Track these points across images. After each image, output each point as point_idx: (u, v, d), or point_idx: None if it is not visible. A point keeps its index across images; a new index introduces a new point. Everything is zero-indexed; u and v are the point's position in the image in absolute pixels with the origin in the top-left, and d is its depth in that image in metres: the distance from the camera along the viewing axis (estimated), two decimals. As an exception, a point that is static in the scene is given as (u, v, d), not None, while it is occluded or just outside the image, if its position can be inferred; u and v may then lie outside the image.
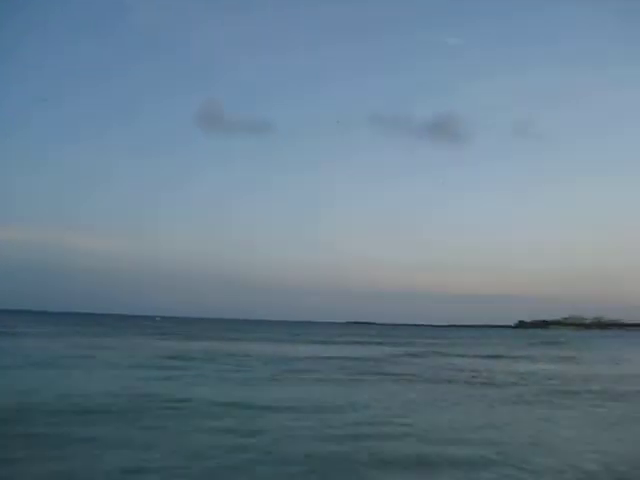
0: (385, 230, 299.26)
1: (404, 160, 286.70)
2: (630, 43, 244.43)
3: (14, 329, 75.01)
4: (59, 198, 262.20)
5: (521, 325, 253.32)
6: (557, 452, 14.08)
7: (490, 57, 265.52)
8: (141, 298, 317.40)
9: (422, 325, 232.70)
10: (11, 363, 31.11)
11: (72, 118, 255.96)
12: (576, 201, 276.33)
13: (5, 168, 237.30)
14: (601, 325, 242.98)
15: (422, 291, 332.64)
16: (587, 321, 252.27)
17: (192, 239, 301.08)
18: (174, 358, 38.72)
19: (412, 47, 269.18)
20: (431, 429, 16.66)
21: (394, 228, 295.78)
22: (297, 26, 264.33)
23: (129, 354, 40.73)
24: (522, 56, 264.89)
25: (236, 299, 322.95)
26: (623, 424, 18.80)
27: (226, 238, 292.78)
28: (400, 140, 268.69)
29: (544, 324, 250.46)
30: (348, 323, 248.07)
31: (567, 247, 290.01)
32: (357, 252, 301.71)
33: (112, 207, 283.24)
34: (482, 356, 53.08)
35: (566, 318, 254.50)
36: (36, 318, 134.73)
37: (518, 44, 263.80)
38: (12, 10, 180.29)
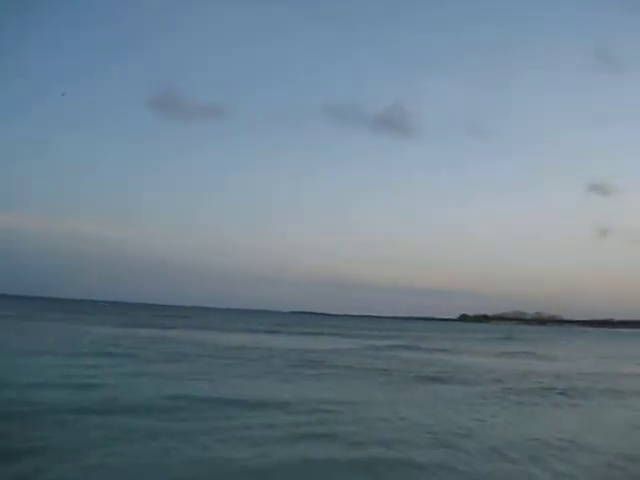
0: (333, 221, 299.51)
1: (353, 150, 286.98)
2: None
3: None
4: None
5: (463, 319, 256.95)
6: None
7: (444, 55, 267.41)
8: (89, 283, 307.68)
9: (367, 316, 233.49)
10: None
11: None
12: (523, 199, 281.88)
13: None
14: (541, 321, 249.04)
15: (368, 283, 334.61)
16: (528, 316, 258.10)
17: (137, 225, 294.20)
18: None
19: (366, 40, 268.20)
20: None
21: (342, 220, 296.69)
22: (253, 15, 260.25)
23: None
24: (477, 56, 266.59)
25: (180, 286, 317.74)
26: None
27: (171, 224, 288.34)
28: (351, 130, 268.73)
29: (485, 318, 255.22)
30: (292, 313, 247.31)
31: (511, 245, 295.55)
32: (304, 242, 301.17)
33: (55, 189, 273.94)
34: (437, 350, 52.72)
35: (507, 313, 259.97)
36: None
37: (474, 41, 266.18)
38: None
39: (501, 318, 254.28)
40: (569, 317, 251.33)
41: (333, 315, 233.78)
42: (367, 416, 17.15)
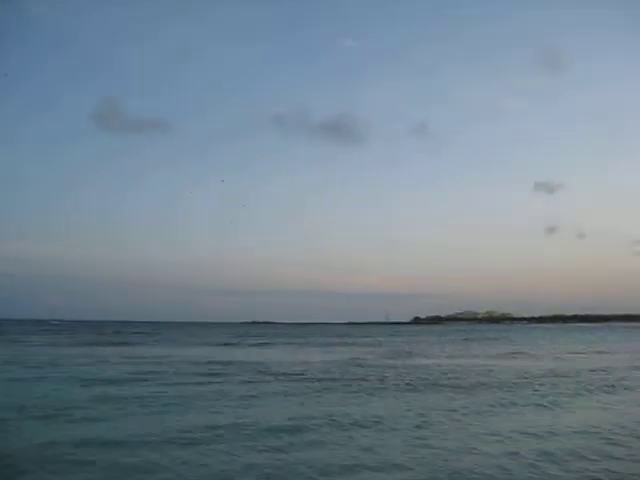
0: (281, 230, 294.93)
1: (301, 159, 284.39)
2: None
3: None
4: None
5: (417, 321, 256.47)
6: None
7: (387, 59, 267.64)
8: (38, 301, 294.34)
9: (322, 323, 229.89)
10: None
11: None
12: (470, 199, 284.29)
13: None
14: (492, 319, 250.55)
15: (318, 290, 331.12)
16: (479, 316, 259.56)
17: (87, 241, 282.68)
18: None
19: (312, 49, 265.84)
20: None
21: (290, 228, 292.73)
22: (198, 26, 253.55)
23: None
24: (419, 57, 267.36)
25: (133, 300, 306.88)
26: None
27: (120, 239, 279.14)
28: (299, 140, 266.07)
29: (439, 319, 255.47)
30: (245, 323, 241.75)
31: (459, 245, 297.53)
32: (253, 251, 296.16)
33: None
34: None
35: (459, 313, 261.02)
36: None
37: (415, 46, 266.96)
38: None
39: (454, 319, 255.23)
40: (519, 314, 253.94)
41: (279, 323, 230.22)
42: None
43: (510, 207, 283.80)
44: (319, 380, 26.69)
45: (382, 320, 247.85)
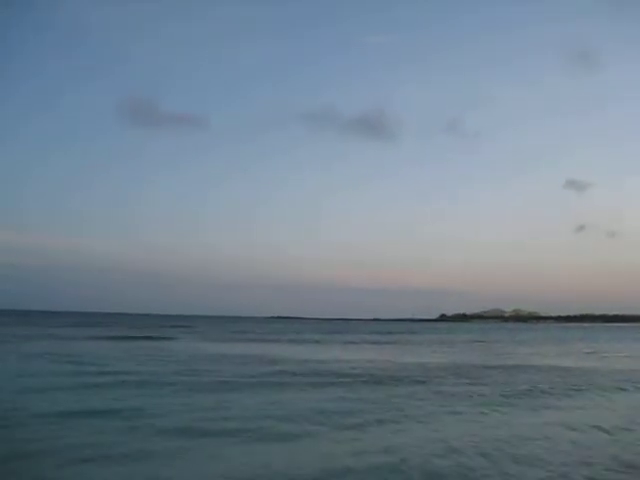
0: (307, 226, 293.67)
1: (329, 155, 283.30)
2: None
3: None
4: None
5: (442, 318, 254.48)
6: None
7: (420, 55, 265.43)
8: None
9: (349, 319, 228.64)
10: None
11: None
12: (501, 196, 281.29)
13: None
14: (519, 318, 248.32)
15: (344, 286, 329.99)
16: (506, 314, 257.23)
17: (103, 234, 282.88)
18: None
19: (342, 44, 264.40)
20: None
21: (316, 224, 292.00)
22: (230, 22, 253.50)
23: None
24: (453, 56, 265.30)
25: (163, 294, 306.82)
26: None
27: (146, 234, 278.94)
28: (330, 136, 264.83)
29: (464, 317, 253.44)
30: (272, 318, 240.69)
31: (488, 243, 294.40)
32: (279, 247, 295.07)
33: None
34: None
35: (486, 311, 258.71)
36: None
37: (449, 43, 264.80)
38: None
39: (480, 317, 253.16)
40: (547, 313, 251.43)
41: (305, 319, 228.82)
42: None
43: (540, 205, 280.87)
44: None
45: (408, 317, 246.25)
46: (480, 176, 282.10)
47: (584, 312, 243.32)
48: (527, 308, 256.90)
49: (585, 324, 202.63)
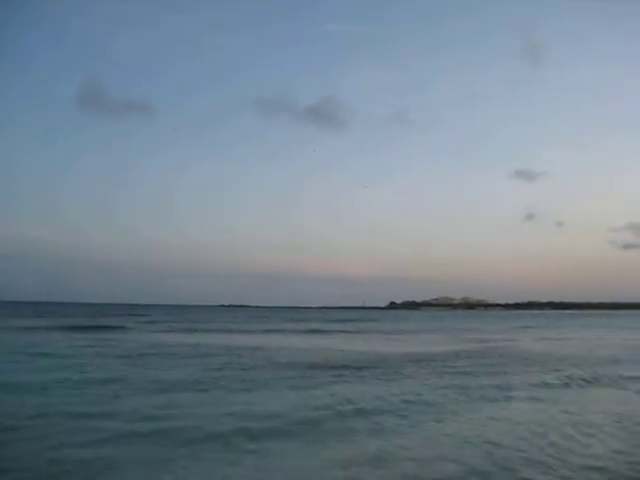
0: (258, 212, 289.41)
1: (284, 142, 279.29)
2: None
3: None
4: None
5: (392, 306, 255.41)
6: None
7: (370, 45, 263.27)
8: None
9: (298, 307, 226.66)
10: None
11: None
12: (449, 186, 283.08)
13: None
14: (468, 305, 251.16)
15: (294, 273, 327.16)
16: (455, 302, 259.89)
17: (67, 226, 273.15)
18: None
19: (293, 33, 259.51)
20: None
21: (267, 210, 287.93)
22: (183, 13, 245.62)
23: None
24: (401, 45, 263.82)
25: (101, 282, 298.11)
26: None
27: (91, 220, 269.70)
28: (282, 123, 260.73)
29: (414, 305, 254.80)
30: (222, 306, 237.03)
31: (436, 231, 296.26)
32: (229, 233, 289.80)
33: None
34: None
35: (435, 299, 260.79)
36: None
37: (398, 32, 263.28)
38: None
39: (429, 304, 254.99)
40: (494, 301, 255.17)
41: (259, 307, 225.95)
42: None
43: (489, 194, 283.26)
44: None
45: (358, 305, 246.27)
46: (427, 165, 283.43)
47: (530, 300, 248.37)
48: (475, 296, 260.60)
49: (534, 311, 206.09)
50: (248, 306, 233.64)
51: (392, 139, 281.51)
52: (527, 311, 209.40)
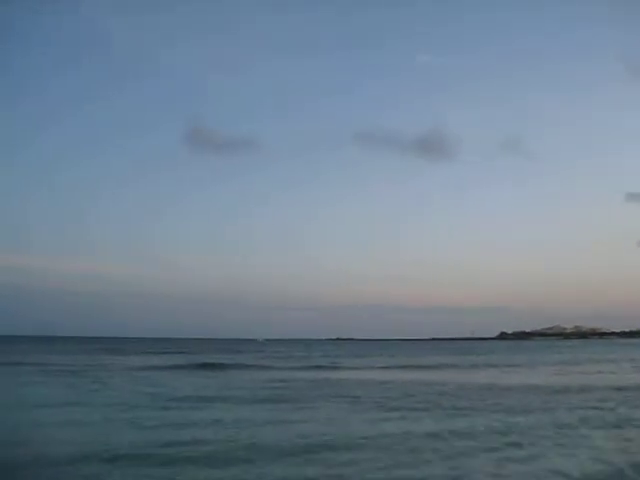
0: (366, 246, 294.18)
1: (388, 176, 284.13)
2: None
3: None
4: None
5: (503, 337, 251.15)
6: None
7: (476, 75, 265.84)
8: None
9: (406, 340, 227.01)
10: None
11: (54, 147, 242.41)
12: (558, 214, 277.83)
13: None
14: (581, 334, 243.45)
15: (402, 305, 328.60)
16: (567, 330, 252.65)
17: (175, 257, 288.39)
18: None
19: (396, 64, 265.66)
20: None
21: (374, 244, 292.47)
22: (279, 44, 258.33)
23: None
24: (510, 74, 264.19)
25: (220, 318, 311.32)
26: None
27: (210, 256, 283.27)
28: (385, 156, 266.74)
29: (525, 335, 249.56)
30: (330, 340, 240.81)
31: (545, 259, 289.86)
32: (338, 268, 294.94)
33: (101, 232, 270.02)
34: None
35: (547, 328, 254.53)
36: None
37: (505, 62, 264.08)
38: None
39: (541, 334, 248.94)
40: (609, 329, 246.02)
41: (367, 340, 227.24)
42: None
43: (602, 218, 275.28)
44: None
45: (467, 336, 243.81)
46: (535, 192, 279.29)
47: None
48: (588, 324, 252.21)
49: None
50: (354, 339, 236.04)
51: (501, 169, 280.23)
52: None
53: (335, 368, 52.03)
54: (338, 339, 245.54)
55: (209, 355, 71.46)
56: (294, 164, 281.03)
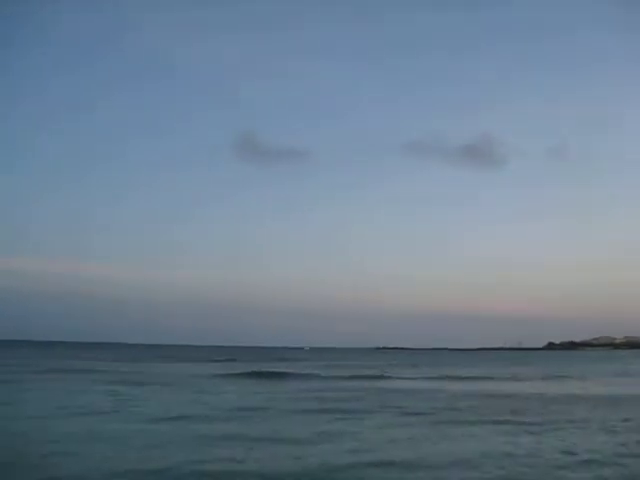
0: (416, 253, 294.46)
1: (436, 183, 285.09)
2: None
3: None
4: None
5: (550, 347, 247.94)
6: None
7: (522, 81, 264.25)
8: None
9: (453, 349, 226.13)
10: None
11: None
12: (607, 224, 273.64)
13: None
14: (631, 344, 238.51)
15: (448, 314, 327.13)
16: (617, 341, 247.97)
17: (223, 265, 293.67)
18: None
19: (442, 71, 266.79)
20: None
21: (425, 251, 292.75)
22: (327, 52, 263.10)
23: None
24: (556, 80, 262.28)
25: (266, 325, 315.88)
26: None
27: (256, 263, 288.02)
28: (433, 164, 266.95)
29: (573, 345, 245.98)
30: (377, 349, 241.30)
31: (597, 268, 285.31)
32: (388, 276, 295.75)
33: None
34: None
35: (596, 338, 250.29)
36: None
37: (551, 68, 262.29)
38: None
39: (589, 345, 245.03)
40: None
41: (414, 349, 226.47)
42: None
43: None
44: None
45: (513, 346, 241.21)
46: (584, 196, 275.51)
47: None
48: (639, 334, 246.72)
49: None
50: (403, 348, 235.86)
51: (549, 175, 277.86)
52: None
53: (398, 378, 52.40)
54: (384, 348, 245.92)
55: (265, 363, 73.21)
56: (342, 171, 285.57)
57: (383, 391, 37.66)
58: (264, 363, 75.65)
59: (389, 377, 53.30)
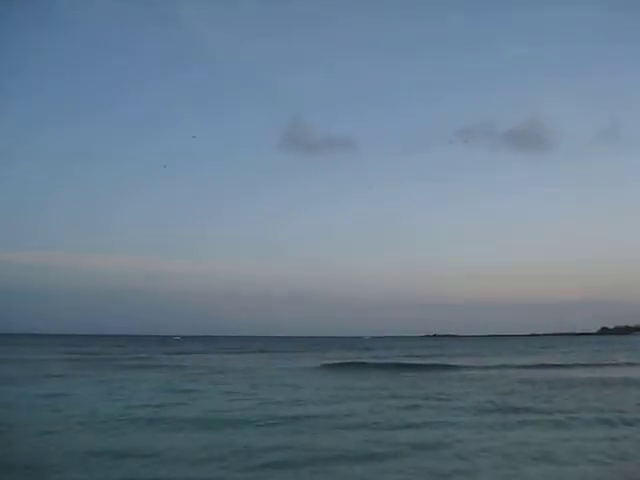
0: (465, 242, 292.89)
1: (486, 171, 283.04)
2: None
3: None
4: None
5: (604, 332, 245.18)
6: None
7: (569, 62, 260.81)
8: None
9: (505, 335, 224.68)
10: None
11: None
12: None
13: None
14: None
15: (499, 301, 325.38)
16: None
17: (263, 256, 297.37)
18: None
19: (488, 59, 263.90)
20: None
21: (474, 239, 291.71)
22: (376, 42, 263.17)
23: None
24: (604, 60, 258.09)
25: (311, 316, 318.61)
26: None
27: (300, 255, 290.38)
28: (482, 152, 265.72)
29: (628, 330, 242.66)
30: (427, 336, 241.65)
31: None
32: (436, 264, 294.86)
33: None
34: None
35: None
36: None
37: (600, 48, 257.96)
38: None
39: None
40: None
41: (466, 337, 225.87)
42: None
43: None
44: None
45: (566, 331, 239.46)
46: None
47: None
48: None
49: None
50: (456, 335, 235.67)
51: (599, 156, 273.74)
52: None
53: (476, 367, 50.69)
54: (435, 335, 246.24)
55: (359, 353, 74.27)
56: (391, 162, 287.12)
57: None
58: (356, 353, 76.80)
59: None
